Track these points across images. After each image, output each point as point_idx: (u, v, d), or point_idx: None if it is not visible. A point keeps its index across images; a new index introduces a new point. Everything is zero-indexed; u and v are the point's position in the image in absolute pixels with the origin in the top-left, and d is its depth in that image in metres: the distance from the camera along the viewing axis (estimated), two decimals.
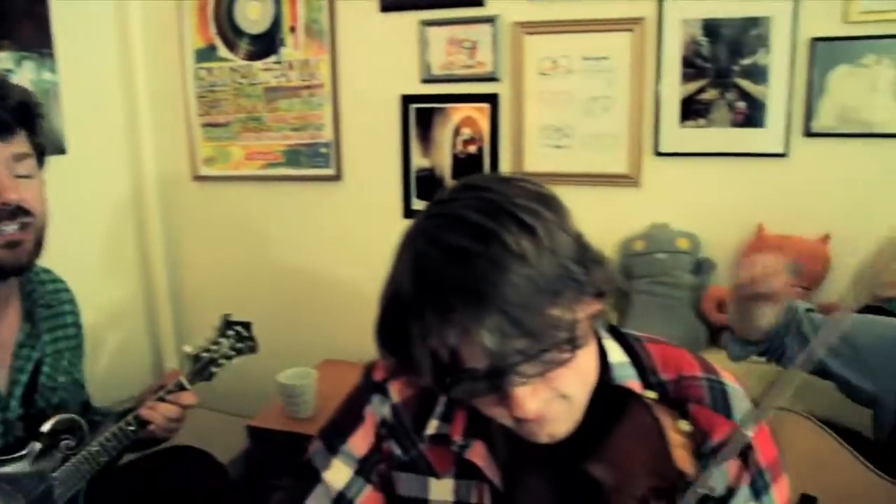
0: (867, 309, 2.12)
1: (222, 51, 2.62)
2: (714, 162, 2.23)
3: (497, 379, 0.77)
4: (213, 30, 2.61)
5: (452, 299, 0.74)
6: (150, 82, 2.72)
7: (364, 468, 1.05)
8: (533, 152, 2.37)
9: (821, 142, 2.17)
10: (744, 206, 2.23)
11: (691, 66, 2.22)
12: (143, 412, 1.54)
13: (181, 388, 1.58)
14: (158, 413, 1.55)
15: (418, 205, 2.50)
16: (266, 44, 2.57)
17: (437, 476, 1.01)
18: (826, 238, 2.18)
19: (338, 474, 1.05)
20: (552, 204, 0.82)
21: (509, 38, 2.34)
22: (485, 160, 2.41)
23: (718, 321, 2.21)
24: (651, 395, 0.90)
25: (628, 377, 0.94)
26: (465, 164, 2.42)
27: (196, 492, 1.66)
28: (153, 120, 2.74)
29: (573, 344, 0.78)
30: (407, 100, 2.47)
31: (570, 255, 0.78)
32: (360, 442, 1.05)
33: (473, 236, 0.75)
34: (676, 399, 0.92)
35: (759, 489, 0.92)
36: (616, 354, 0.95)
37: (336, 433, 1.07)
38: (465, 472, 0.98)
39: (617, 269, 2.29)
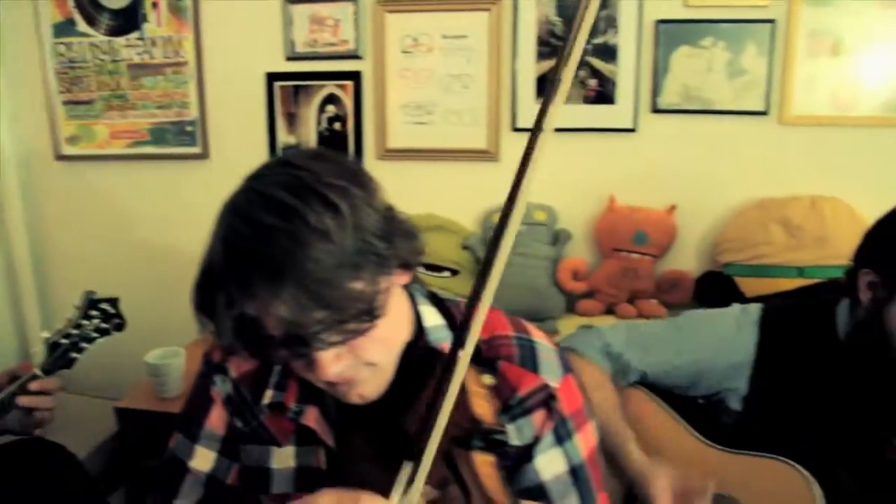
0: (708, 275, 2.27)
1: (82, 26, 2.55)
2: (568, 137, 2.32)
3: (297, 346, 0.82)
4: (71, 3, 2.53)
5: (253, 273, 0.79)
6: (5, 56, 2.62)
7: (227, 446, 1.08)
8: (396, 129, 2.41)
9: (666, 118, 2.30)
10: (597, 179, 2.33)
11: (546, 45, 2.30)
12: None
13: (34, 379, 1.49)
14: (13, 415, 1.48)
15: None
16: (128, 19, 2.52)
17: (278, 444, 1.04)
18: (672, 208, 2.30)
19: (203, 459, 1.09)
20: (362, 181, 0.86)
21: (371, 15, 2.37)
22: (349, 137, 2.44)
23: (574, 289, 2.31)
24: None
25: (443, 339, 0.99)
26: (331, 140, 2.44)
27: (46, 489, 1.58)
28: (10, 97, 2.65)
29: (372, 315, 0.83)
30: (272, 77, 2.47)
31: (375, 231, 0.82)
32: (216, 422, 1.08)
33: (278, 213, 0.79)
34: (488, 357, 0.98)
35: (561, 436, 0.99)
36: (431, 318, 1.00)
37: (192, 421, 1.10)
38: (304, 438, 1.01)
39: (478, 241, 2.35)
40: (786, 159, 2.27)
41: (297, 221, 0.78)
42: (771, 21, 2.20)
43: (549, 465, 0.98)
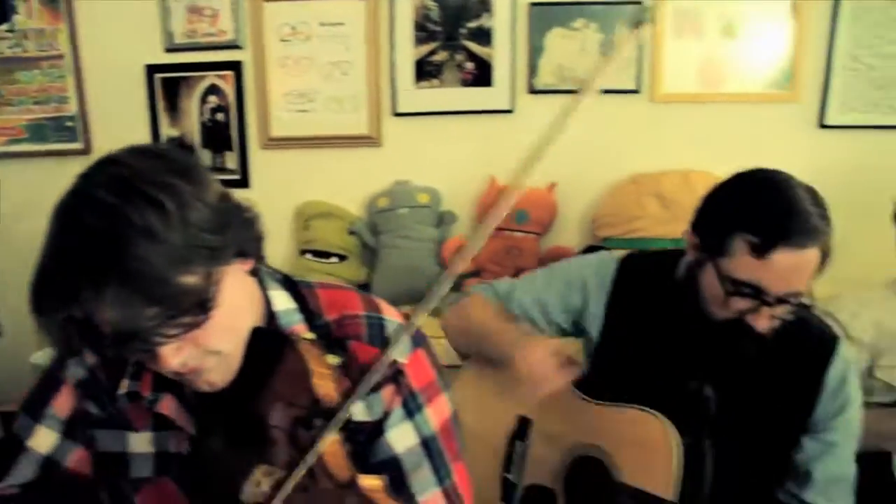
0: (589, 249, 2.33)
1: None
2: (448, 120, 2.36)
3: (132, 343, 0.82)
4: None
5: (79, 276, 0.78)
6: None
7: (70, 429, 1.06)
8: (278, 117, 2.41)
9: (543, 98, 2.36)
10: (477, 159, 2.38)
11: (422, 30, 2.33)
12: None
13: None
14: None
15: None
16: None
17: (135, 430, 1.03)
18: (552, 186, 2.36)
19: (43, 439, 1.06)
20: (191, 175, 0.85)
21: (249, 5, 2.37)
22: (232, 127, 2.43)
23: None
24: (309, 335, 0.97)
25: (294, 322, 1.00)
26: (214, 131, 2.43)
27: None
28: None
29: (205, 308, 0.83)
30: (151, 69, 2.44)
31: (205, 225, 0.82)
32: (62, 404, 1.06)
33: (100, 215, 0.79)
34: (338, 337, 0.99)
35: (411, 409, 1.01)
36: (281, 303, 1.01)
37: (37, 402, 1.07)
38: (161, 424, 1.01)
39: (364, 226, 2.37)
40: (658, 135, 2.36)
41: (120, 222, 0.78)
42: (639, 2, 2.27)
43: (401, 438, 1.00)
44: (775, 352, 1.36)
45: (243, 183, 2.44)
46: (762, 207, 1.26)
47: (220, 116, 2.43)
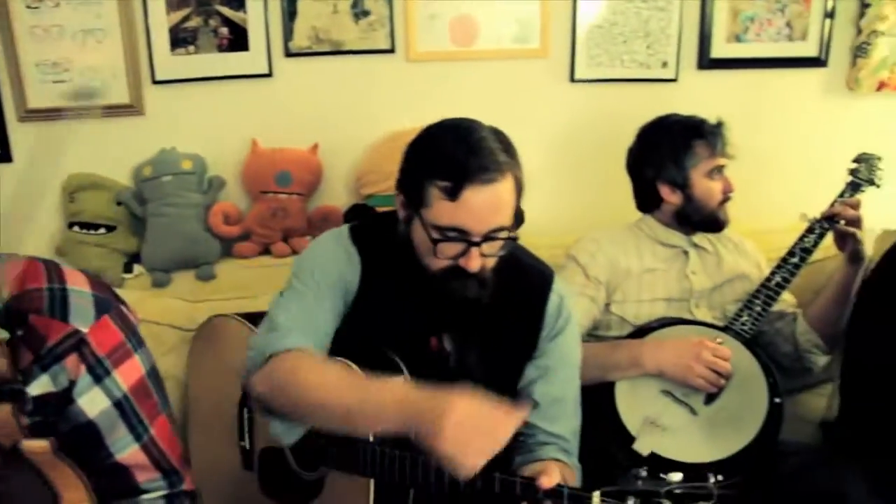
0: (354, 207, 2.43)
1: None
2: (207, 86, 2.38)
3: None
4: None
5: None
6: None
7: None
8: (35, 89, 2.36)
9: (300, 61, 2.41)
10: (239, 124, 2.42)
11: None
12: None
13: None
14: None
15: None
16: None
17: None
18: (315, 147, 2.43)
19: None
20: None
21: None
22: None
23: (227, 234, 2.40)
24: None
25: None
26: None
27: None
28: None
29: None
30: None
31: None
32: None
33: None
34: (18, 311, 1.02)
35: (99, 375, 1.05)
36: None
37: None
38: None
39: (131, 195, 2.39)
40: (416, 94, 2.46)
41: None
42: None
43: (92, 403, 1.05)
44: (498, 294, 1.45)
45: (5, 158, 2.40)
46: (447, 152, 1.35)
47: None
